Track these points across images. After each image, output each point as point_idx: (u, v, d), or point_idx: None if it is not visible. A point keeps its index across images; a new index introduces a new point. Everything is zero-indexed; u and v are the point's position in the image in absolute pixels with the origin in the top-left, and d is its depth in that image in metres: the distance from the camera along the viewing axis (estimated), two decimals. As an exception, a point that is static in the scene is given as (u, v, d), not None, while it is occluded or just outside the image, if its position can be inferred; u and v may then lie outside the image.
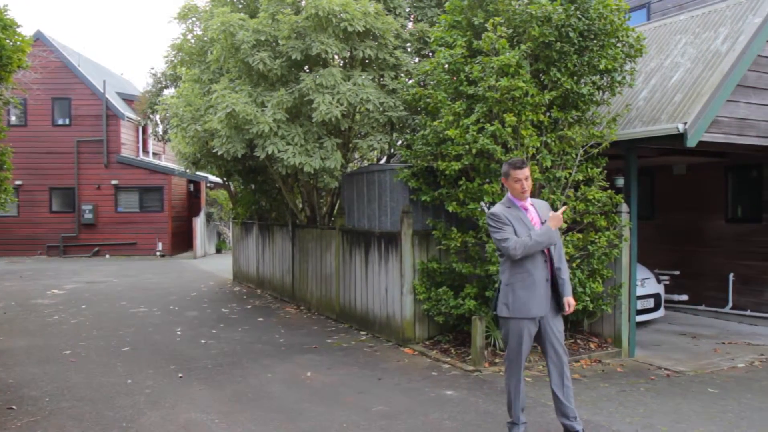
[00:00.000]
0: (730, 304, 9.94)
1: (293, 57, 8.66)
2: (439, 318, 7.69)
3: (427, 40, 9.15)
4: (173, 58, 11.79)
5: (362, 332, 8.94)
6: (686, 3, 11.16)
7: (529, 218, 4.77)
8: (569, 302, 4.83)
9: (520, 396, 4.83)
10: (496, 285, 4.94)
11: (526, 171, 4.74)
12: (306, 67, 9.31)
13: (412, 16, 10.44)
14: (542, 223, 4.79)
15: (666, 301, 9.83)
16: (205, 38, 10.57)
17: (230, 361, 7.40)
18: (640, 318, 8.60)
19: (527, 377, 6.59)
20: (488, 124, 6.79)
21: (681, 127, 6.84)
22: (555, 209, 7.11)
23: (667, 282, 10.11)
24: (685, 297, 10.29)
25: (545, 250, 4.74)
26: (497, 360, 7.09)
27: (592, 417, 5.42)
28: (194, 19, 11.06)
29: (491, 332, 7.31)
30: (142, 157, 24.10)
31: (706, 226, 10.43)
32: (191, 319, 10.06)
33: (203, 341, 8.48)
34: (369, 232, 8.87)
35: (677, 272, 10.38)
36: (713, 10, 8.35)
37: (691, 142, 6.88)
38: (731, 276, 9.95)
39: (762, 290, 9.61)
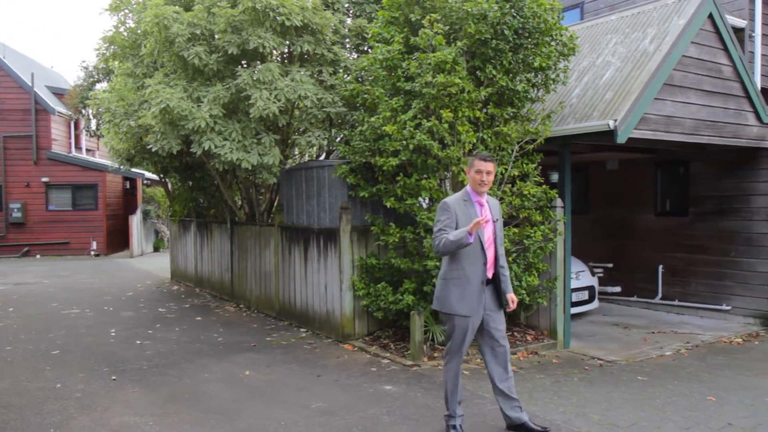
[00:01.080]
0: (660, 295, 10.33)
1: (230, 51, 8.50)
2: (378, 313, 7.72)
3: (366, 36, 9.15)
4: (105, 51, 11.40)
5: (302, 329, 8.88)
6: (618, 4, 11.48)
7: (479, 215, 4.79)
8: (512, 299, 4.93)
9: (458, 389, 4.89)
10: (434, 279, 4.99)
11: (490, 166, 4.78)
12: (243, 62, 9.17)
13: (350, 11, 10.41)
14: (494, 222, 4.86)
15: (600, 293, 10.13)
16: (139, 31, 10.25)
17: (167, 362, 7.23)
18: (575, 310, 8.84)
19: (465, 370, 6.68)
20: (425, 120, 6.85)
21: (612, 123, 7.05)
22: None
23: (601, 274, 10.41)
24: (618, 289, 10.63)
25: (485, 251, 4.76)
26: (436, 354, 7.16)
27: (528, 407, 5.51)
28: (127, 11, 10.72)
29: (430, 327, 7.37)
30: (74, 153, 23.24)
31: (637, 220, 10.80)
32: (126, 320, 9.78)
33: (139, 342, 8.26)
34: (308, 228, 8.82)
35: (611, 265, 10.71)
36: (642, 11, 8.62)
37: (622, 139, 7.11)
38: (660, 268, 10.33)
39: (688, 281, 10.02)
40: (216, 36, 8.68)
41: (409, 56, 7.21)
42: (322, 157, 10.99)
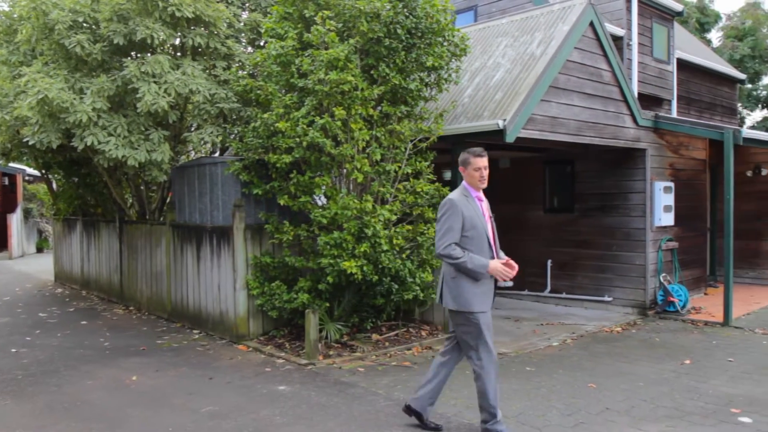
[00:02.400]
0: (548, 288, 10.79)
1: (116, 41, 8.09)
2: (273, 313, 7.60)
3: (261, 30, 8.96)
4: (-24, 36, 10.56)
5: (195, 331, 8.61)
6: (509, 8, 11.88)
7: (482, 210, 4.75)
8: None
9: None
10: (441, 277, 4.89)
11: (486, 161, 4.70)
12: (133, 53, 8.75)
13: (246, 5, 10.18)
14: (491, 218, 4.84)
15: (493, 288, 10.43)
16: (15, 15, 9.58)
17: (45, 370, 6.80)
18: (468, 304, 9.04)
19: (360, 368, 6.71)
20: (318, 118, 6.81)
21: (501, 123, 7.29)
22: (385, 201, 7.30)
23: (494, 270, 10.73)
24: (510, 283, 10.93)
25: (492, 247, 4.72)
26: (331, 352, 7.14)
27: (420, 402, 5.60)
28: (1, -7, 10.01)
29: (325, 325, 7.34)
30: (-55, 147, 21.43)
31: (528, 217, 11.23)
32: (1, 327, 9.11)
33: (14, 350, 7.72)
34: (201, 227, 8.55)
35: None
36: (530, 16, 8.96)
37: (510, 138, 7.36)
38: (549, 262, 10.80)
39: (575, 274, 10.53)
40: (101, 24, 8.24)
41: (303, 53, 7.15)
42: (217, 154, 10.71)
